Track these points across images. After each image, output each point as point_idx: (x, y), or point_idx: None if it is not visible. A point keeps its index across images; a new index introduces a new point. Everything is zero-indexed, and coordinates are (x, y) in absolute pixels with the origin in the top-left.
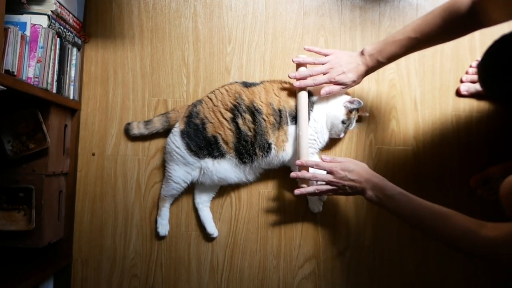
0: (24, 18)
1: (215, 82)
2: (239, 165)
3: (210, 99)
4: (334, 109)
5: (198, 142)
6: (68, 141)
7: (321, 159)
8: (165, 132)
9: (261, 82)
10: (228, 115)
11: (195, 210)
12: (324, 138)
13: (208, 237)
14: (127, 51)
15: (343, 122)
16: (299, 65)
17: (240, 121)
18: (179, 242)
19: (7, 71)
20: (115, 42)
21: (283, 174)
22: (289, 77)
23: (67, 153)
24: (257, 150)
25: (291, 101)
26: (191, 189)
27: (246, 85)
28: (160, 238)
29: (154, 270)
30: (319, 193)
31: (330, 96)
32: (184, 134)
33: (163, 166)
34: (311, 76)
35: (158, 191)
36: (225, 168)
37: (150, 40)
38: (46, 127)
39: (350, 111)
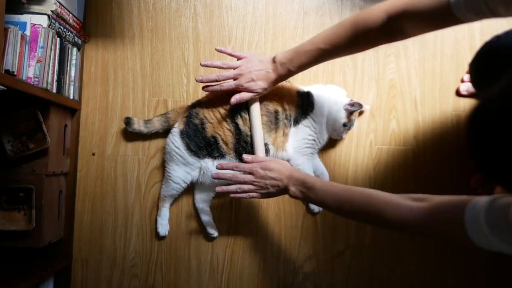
0: (24, 18)
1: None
2: None
3: (210, 99)
4: (335, 113)
5: (197, 142)
6: (68, 141)
7: (242, 159)
8: (165, 132)
9: None
10: (228, 115)
11: (195, 210)
12: (324, 138)
13: (208, 237)
14: (127, 51)
15: (344, 125)
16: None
17: (240, 121)
18: (179, 242)
19: (7, 71)
20: (115, 42)
21: None
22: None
23: (67, 153)
24: None
25: (292, 101)
26: (191, 189)
27: None
28: (160, 238)
29: (154, 270)
30: (242, 192)
31: (331, 97)
32: (183, 134)
33: (163, 166)
34: (217, 81)
35: (158, 191)
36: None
37: (150, 40)
38: (46, 127)
39: (350, 113)
